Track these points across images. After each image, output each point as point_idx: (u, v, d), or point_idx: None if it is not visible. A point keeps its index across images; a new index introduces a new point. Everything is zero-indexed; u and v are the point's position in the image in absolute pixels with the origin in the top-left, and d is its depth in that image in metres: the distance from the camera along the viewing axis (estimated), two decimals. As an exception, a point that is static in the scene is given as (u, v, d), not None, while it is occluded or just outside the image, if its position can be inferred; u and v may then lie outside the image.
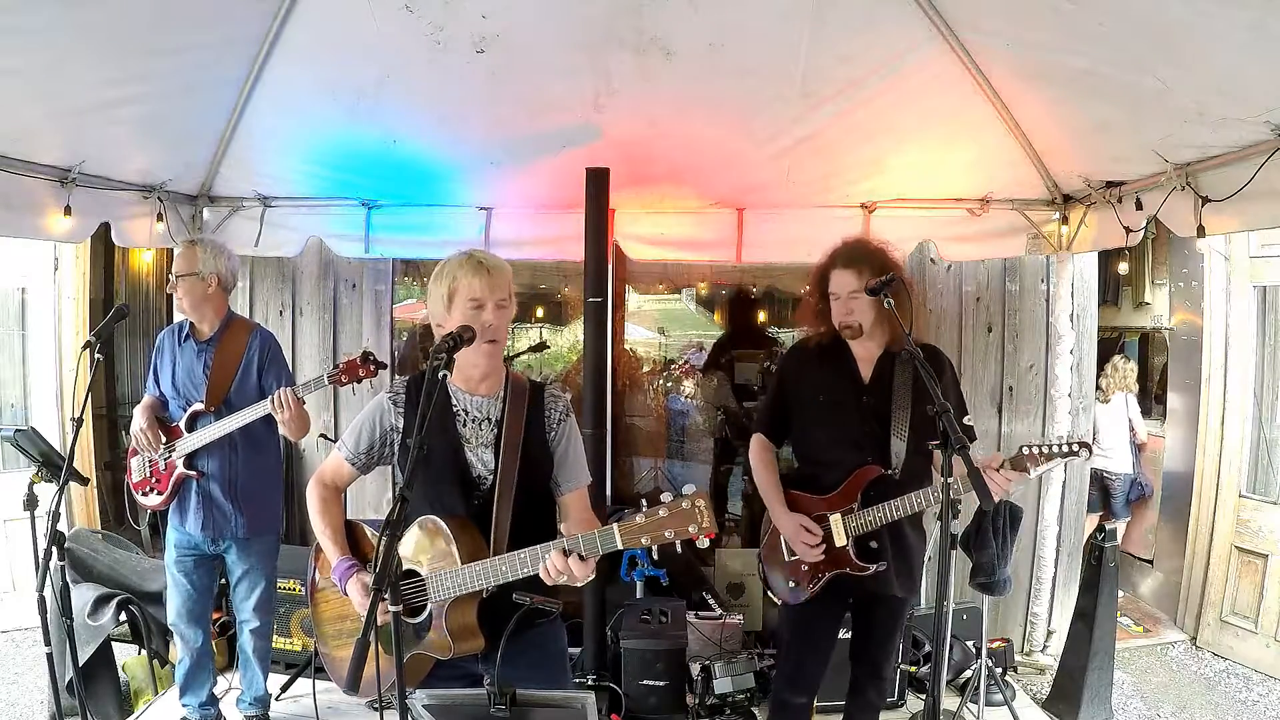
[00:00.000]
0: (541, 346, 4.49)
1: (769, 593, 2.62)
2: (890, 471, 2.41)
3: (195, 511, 2.93)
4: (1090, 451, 2.31)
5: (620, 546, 1.63)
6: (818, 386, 2.53)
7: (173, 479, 2.93)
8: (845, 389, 2.50)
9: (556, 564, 1.69)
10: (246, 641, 3.13)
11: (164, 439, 2.93)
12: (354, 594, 1.89)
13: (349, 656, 1.99)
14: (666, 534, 1.58)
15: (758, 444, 2.66)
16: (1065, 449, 2.25)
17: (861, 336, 2.46)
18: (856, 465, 2.44)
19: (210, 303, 2.95)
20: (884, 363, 2.50)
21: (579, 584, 1.72)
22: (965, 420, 2.50)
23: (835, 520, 2.43)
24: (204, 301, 2.93)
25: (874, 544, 2.44)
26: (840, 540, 2.42)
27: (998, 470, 2.24)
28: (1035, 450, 2.27)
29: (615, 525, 1.64)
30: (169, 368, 2.99)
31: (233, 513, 2.93)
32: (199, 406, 2.89)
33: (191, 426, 2.90)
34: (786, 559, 2.52)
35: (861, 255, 2.46)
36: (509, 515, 1.86)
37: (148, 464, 2.97)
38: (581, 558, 1.68)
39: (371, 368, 2.69)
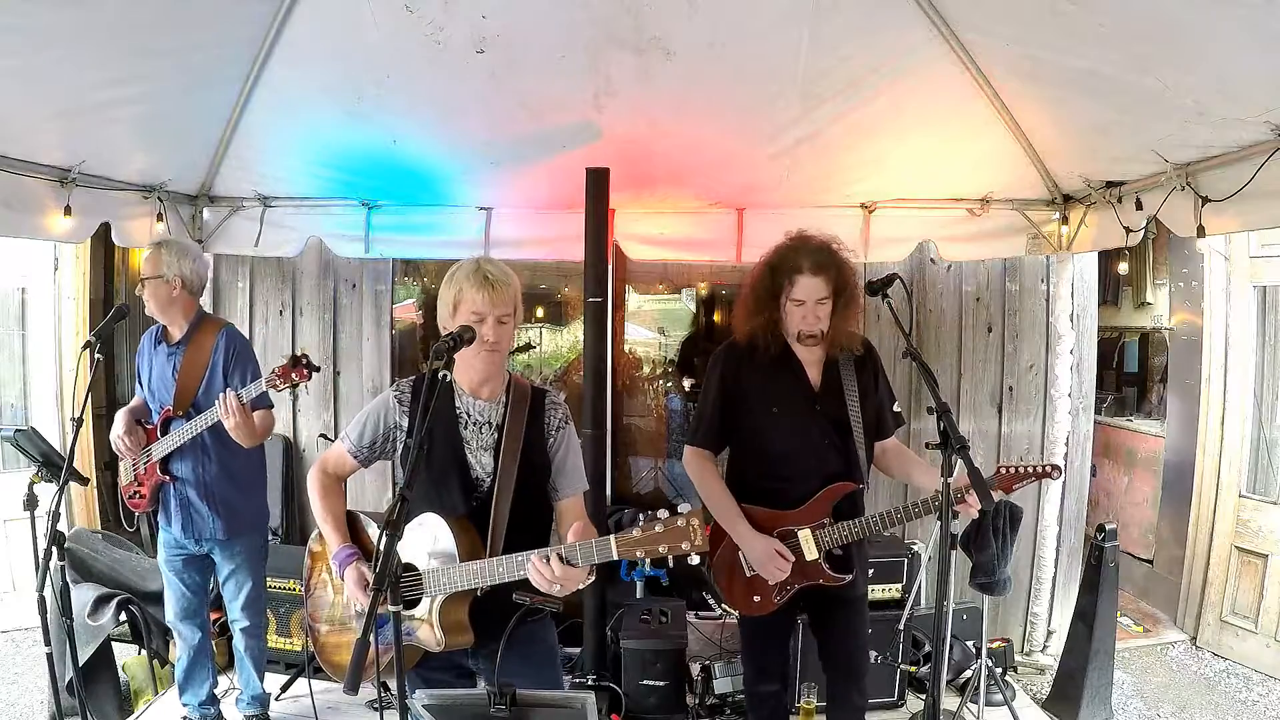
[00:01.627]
0: (527, 347, 4.49)
1: (724, 606, 2.57)
2: (863, 486, 2.41)
3: (175, 514, 2.94)
4: (1061, 473, 2.35)
5: (615, 558, 1.67)
6: (767, 395, 2.42)
7: (151, 484, 2.94)
8: (797, 397, 2.41)
9: (549, 571, 1.70)
10: (239, 642, 3.13)
11: (143, 443, 2.94)
12: (350, 580, 1.92)
13: (338, 644, 2.04)
14: (660, 549, 1.62)
15: (699, 458, 2.48)
16: (1037, 470, 2.28)
17: (821, 342, 2.38)
18: (823, 477, 2.38)
19: (176, 305, 2.93)
20: (830, 367, 2.44)
21: (570, 590, 1.74)
22: (895, 408, 2.53)
23: (805, 536, 2.37)
24: (169, 304, 2.92)
25: (839, 552, 2.41)
26: (811, 555, 2.37)
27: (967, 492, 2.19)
28: (1009, 471, 2.29)
29: (612, 537, 1.67)
30: (147, 372, 3.00)
31: (209, 515, 2.92)
32: (169, 410, 2.89)
33: (165, 430, 2.90)
34: (749, 574, 2.43)
35: (827, 259, 2.35)
36: (507, 517, 1.90)
37: (130, 469, 2.98)
38: (576, 565, 1.71)
39: (304, 370, 2.67)
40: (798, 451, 2.41)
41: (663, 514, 1.63)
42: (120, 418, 2.96)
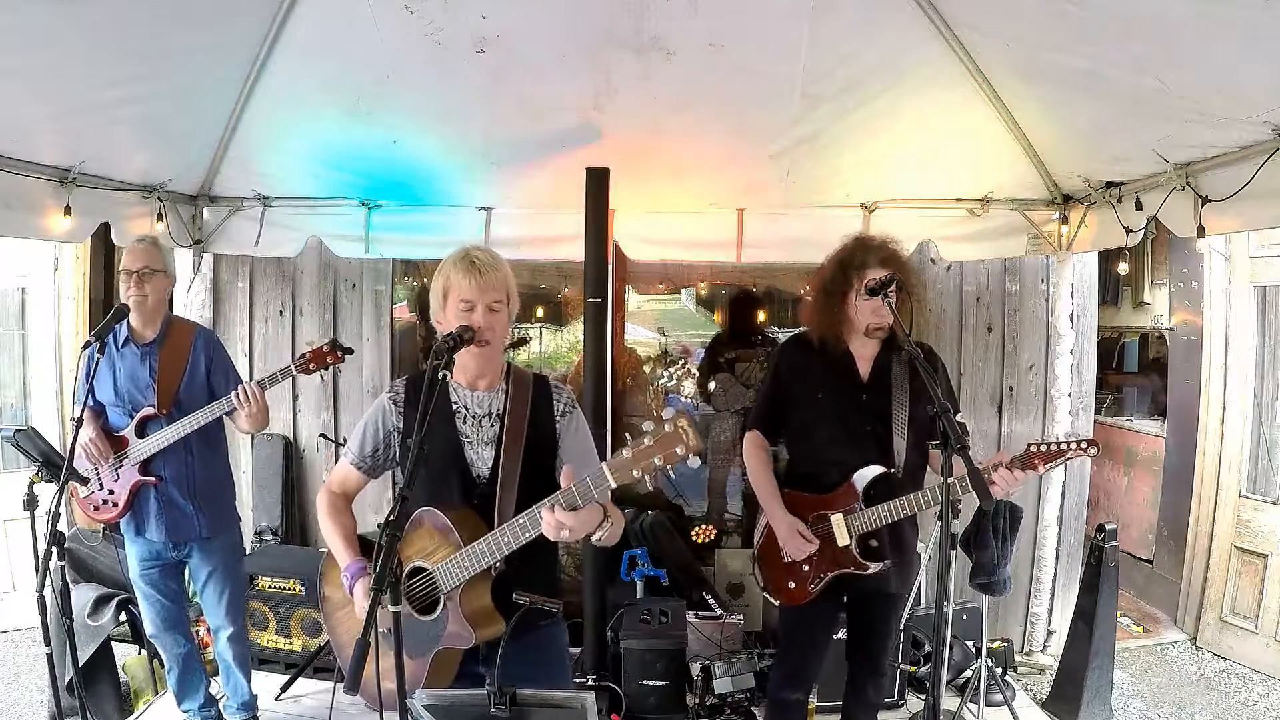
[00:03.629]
0: (521, 342, 4.48)
1: (765, 593, 2.61)
2: (894, 470, 2.41)
3: (156, 518, 2.85)
4: (1098, 449, 2.32)
5: (613, 484, 1.59)
6: (817, 385, 2.51)
7: (128, 489, 2.82)
8: (845, 387, 2.49)
9: (552, 520, 1.64)
10: (225, 649, 3.07)
11: (112, 450, 2.82)
12: (359, 594, 1.87)
13: (374, 673, 1.96)
14: (655, 460, 1.54)
15: (754, 442, 2.62)
16: (1074, 446, 2.26)
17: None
18: (858, 464, 2.42)
19: (164, 303, 2.91)
20: (882, 360, 2.50)
21: (580, 536, 1.69)
22: (958, 418, 2.53)
23: (837, 520, 2.41)
24: (162, 301, 2.89)
25: (874, 542, 2.44)
26: (843, 540, 2.41)
27: (1007, 469, 2.24)
28: (1043, 448, 2.27)
29: (604, 465, 1.59)
30: (108, 375, 2.85)
31: (194, 514, 2.88)
32: (149, 411, 2.81)
33: (142, 432, 2.81)
34: (785, 559, 2.50)
35: (890, 255, 2.44)
36: (512, 507, 1.83)
37: (95, 477, 2.85)
38: (578, 508, 1.65)
39: (339, 354, 2.68)
40: (838, 438, 2.47)
41: (648, 426, 1.56)
42: (89, 422, 2.82)
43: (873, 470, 2.41)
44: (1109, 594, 3.52)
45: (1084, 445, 2.26)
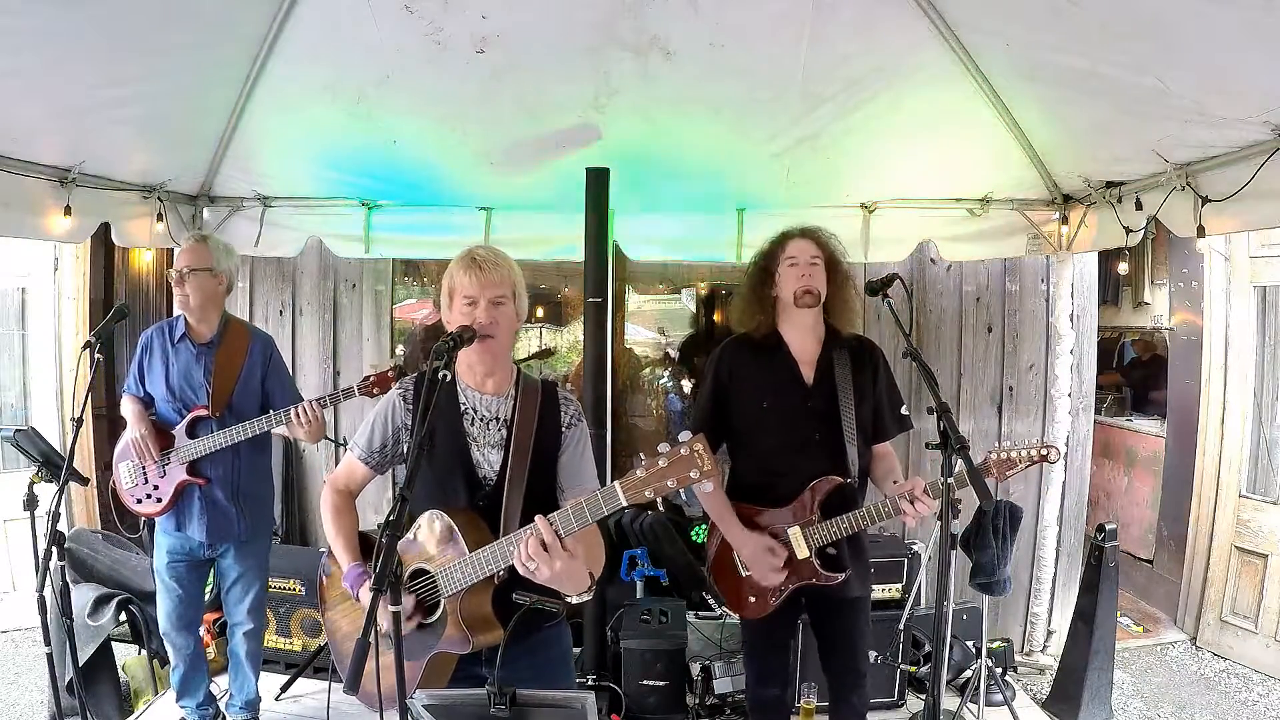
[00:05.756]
0: (546, 353, 4.46)
1: (725, 609, 2.56)
2: (850, 480, 2.37)
3: (199, 517, 2.86)
4: (1059, 454, 2.31)
5: (624, 503, 1.56)
6: (759, 391, 2.42)
7: (174, 486, 2.83)
8: (788, 392, 2.41)
9: (532, 547, 1.60)
10: (240, 645, 3.08)
11: (162, 445, 2.83)
12: (366, 599, 1.83)
13: (372, 671, 1.97)
14: (669, 483, 1.52)
15: None
16: (1031, 455, 2.24)
17: (816, 307, 2.37)
18: (811, 473, 2.36)
19: (214, 302, 2.90)
20: (824, 361, 2.43)
21: (554, 574, 1.62)
22: (902, 410, 2.50)
23: (795, 533, 2.35)
24: (210, 300, 2.87)
25: (833, 551, 2.39)
26: (802, 553, 2.35)
27: (922, 494, 2.20)
28: (1002, 456, 2.26)
29: (616, 483, 1.57)
30: (161, 369, 2.88)
31: (236, 516, 2.89)
32: (201, 412, 2.82)
33: (192, 432, 2.83)
34: (743, 574, 2.42)
35: (814, 230, 2.45)
36: (519, 513, 1.81)
37: (140, 470, 2.85)
38: (562, 537, 1.62)
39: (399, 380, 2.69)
40: (786, 447, 2.40)
41: (664, 447, 1.54)
42: (139, 419, 2.83)
43: (830, 481, 2.36)
44: (1109, 594, 3.52)
45: (1043, 452, 2.24)
